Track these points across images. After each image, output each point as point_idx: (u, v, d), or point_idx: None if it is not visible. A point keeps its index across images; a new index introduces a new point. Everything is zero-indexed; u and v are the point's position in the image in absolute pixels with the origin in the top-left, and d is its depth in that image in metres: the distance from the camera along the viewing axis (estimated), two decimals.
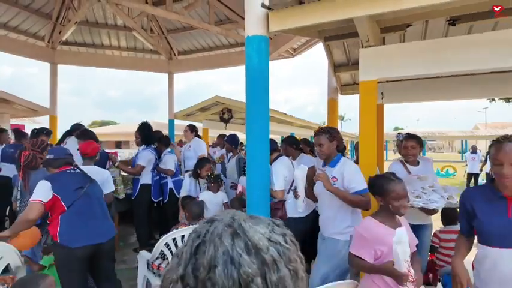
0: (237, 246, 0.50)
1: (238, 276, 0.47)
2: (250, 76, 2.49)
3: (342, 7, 2.21)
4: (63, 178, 2.30)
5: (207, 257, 0.49)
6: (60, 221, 2.24)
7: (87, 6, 6.54)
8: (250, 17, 2.45)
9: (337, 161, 2.52)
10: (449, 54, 2.56)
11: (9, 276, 2.08)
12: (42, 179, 2.24)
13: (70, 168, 2.38)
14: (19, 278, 1.65)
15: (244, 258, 0.48)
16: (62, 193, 2.24)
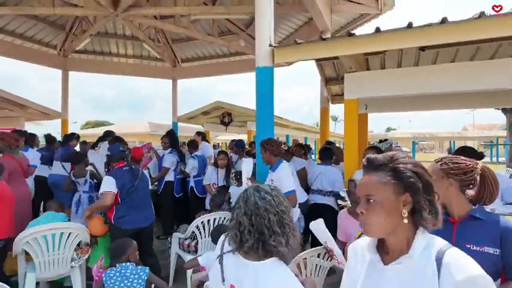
0: (256, 197, 1.23)
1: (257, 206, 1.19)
2: (260, 97, 3.20)
3: (328, 48, 2.91)
4: (121, 176, 2.96)
5: (250, 202, 1.22)
6: (115, 208, 2.92)
7: (104, 22, 7.17)
8: (260, 53, 3.15)
9: (276, 166, 3.04)
10: (419, 80, 3.28)
11: (84, 247, 2.76)
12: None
13: (124, 165, 3.03)
14: (116, 241, 2.32)
15: (258, 201, 1.22)
16: (120, 189, 2.91)
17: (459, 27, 2.42)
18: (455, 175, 1.34)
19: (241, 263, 1.22)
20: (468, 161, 1.37)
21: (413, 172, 0.93)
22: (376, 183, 0.94)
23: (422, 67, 3.38)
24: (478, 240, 1.29)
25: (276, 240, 1.18)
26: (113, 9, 6.00)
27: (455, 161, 1.36)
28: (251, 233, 1.19)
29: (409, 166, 0.94)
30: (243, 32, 8.51)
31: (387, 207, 0.92)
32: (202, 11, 6.28)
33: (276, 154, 3.03)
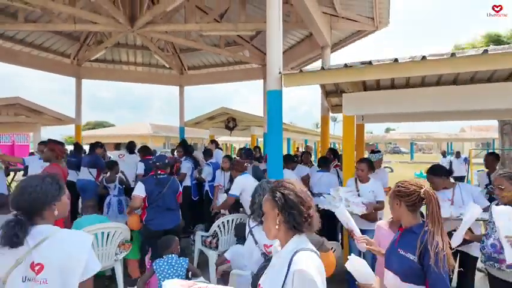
0: (267, 187, 1.84)
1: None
2: (271, 115, 3.74)
3: (329, 76, 3.44)
4: (150, 183, 3.48)
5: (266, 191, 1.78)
6: (146, 211, 3.45)
7: (120, 36, 7.69)
8: (271, 79, 3.68)
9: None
10: (407, 101, 3.82)
11: (126, 244, 3.28)
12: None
13: (157, 173, 3.55)
14: (163, 237, 2.84)
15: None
16: (149, 194, 3.44)
17: (436, 63, 2.95)
18: (401, 196, 1.71)
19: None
20: (414, 185, 1.70)
21: (281, 193, 1.34)
22: (265, 201, 1.41)
23: (413, 89, 3.89)
24: (405, 247, 1.66)
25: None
26: (130, 26, 6.52)
27: (404, 185, 1.72)
28: None
29: (282, 189, 1.36)
30: (247, 43, 9.06)
31: (269, 218, 1.36)
32: (212, 28, 6.81)
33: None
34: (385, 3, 5.74)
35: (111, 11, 5.91)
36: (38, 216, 1.46)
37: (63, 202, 1.55)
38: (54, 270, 1.36)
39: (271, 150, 3.73)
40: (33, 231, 1.42)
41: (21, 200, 1.44)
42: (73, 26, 6.87)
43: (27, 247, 1.37)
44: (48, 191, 1.50)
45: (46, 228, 1.44)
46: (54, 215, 1.51)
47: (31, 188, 1.46)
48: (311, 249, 1.33)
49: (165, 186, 3.53)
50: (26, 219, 1.43)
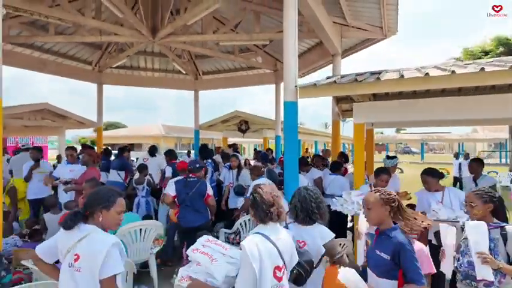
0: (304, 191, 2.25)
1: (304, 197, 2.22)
2: (287, 124, 4.12)
3: (340, 89, 3.79)
4: (180, 184, 3.89)
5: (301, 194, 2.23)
6: (179, 209, 3.88)
7: (142, 46, 8.17)
8: (288, 91, 4.05)
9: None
10: (415, 110, 4.13)
11: (159, 239, 3.71)
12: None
13: (189, 176, 3.96)
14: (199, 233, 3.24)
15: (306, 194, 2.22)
16: (178, 194, 3.86)
17: (438, 79, 3.27)
18: (389, 203, 1.94)
19: (298, 227, 2.21)
20: (393, 194, 1.99)
21: (253, 196, 1.94)
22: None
23: (420, 100, 4.17)
24: (381, 247, 1.92)
25: (315, 215, 2.19)
26: (152, 38, 6.97)
27: (388, 193, 1.98)
28: (302, 211, 2.18)
29: (254, 193, 1.94)
30: (260, 49, 9.44)
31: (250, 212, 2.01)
32: (228, 38, 7.22)
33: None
34: (393, 14, 6.03)
35: (136, 24, 6.37)
36: (90, 216, 1.76)
37: (111, 213, 1.75)
38: (84, 262, 1.65)
39: (287, 156, 4.10)
40: (82, 226, 1.73)
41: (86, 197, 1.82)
42: (99, 37, 7.37)
43: (76, 239, 1.70)
44: (101, 198, 1.75)
45: (89, 228, 1.73)
46: (99, 220, 1.74)
47: (95, 190, 1.80)
48: (263, 234, 1.86)
49: (192, 189, 3.93)
50: (82, 214, 1.75)
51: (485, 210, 2.25)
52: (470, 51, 14.70)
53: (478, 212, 2.26)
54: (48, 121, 10.10)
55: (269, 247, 1.81)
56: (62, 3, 6.04)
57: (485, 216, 2.25)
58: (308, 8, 4.77)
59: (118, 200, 1.80)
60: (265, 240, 1.82)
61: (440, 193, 3.38)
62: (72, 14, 6.09)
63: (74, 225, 1.71)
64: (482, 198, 2.27)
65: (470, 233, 2.16)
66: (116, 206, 1.78)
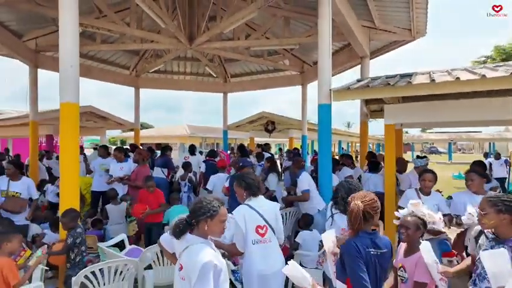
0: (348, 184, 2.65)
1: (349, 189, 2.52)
2: (321, 125, 4.45)
3: (373, 92, 4.06)
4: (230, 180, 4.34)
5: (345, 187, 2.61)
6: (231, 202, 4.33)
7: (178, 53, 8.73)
8: (322, 94, 4.38)
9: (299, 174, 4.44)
10: (444, 111, 4.33)
11: None
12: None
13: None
14: None
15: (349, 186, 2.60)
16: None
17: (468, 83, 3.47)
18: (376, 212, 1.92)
19: (343, 217, 2.45)
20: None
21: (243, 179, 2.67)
22: (236, 185, 2.74)
23: (450, 101, 4.32)
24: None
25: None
26: (189, 45, 7.48)
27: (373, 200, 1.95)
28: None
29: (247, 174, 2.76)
30: (287, 52, 9.76)
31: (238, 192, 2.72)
32: (259, 43, 7.61)
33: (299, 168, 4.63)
34: (423, 17, 6.18)
35: (176, 33, 6.89)
36: (196, 225, 1.81)
37: (215, 222, 1.79)
38: (185, 272, 1.72)
39: (322, 157, 4.43)
40: (188, 236, 1.81)
41: (192, 207, 1.87)
42: (140, 45, 8.00)
43: (182, 248, 1.80)
44: (206, 208, 1.78)
45: (191, 239, 1.79)
46: (204, 229, 1.78)
47: (200, 201, 1.85)
48: (248, 205, 2.54)
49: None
50: (189, 224, 1.80)
51: (500, 221, 1.91)
52: (502, 49, 14.30)
53: (489, 222, 1.95)
54: (91, 122, 10.96)
55: (252, 213, 2.52)
56: (109, 14, 6.68)
57: (499, 227, 1.92)
58: (340, 15, 5.06)
59: (221, 209, 1.85)
60: (249, 208, 2.54)
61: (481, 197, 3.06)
62: (119, 25, 6.71)
63: (182, 235, 1.80)
64: (496, 207, 1.92)
65: (488, 265, 1.81)
66: (220, 215, 1.82)
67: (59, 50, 3.50)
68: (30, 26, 7.23)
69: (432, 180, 3.46)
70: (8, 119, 9.77)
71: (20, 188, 4.24)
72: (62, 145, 3.50)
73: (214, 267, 1.71)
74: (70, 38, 3.49)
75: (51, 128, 9.26)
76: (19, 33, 7.26)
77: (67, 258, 3.21)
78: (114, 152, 5.76)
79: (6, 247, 2.66)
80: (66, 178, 3.46)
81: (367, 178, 5.22)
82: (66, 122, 3.47)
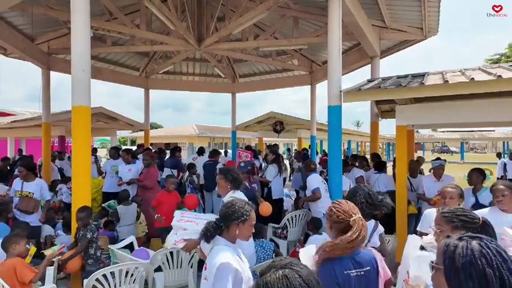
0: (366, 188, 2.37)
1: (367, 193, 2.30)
2: (331, 126, 4.40)
3: (384, 94, 4.00)
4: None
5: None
6: None
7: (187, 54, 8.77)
8: (332, 96, 4.33)
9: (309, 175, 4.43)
10: (457, 112, 4.24)
11: None
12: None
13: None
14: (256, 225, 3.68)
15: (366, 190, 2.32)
16: None
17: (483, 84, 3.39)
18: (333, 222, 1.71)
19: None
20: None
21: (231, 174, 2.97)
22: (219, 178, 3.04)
23: (463, 102, 4.23)
24: None
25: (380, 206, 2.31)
26: (197, 46, 7.51)
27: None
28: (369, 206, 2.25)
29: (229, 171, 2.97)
30: (296, 52, 9.70)
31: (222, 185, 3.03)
32: (268, 43, 7.58)
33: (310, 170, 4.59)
34: (435, 15, 6.06)
35: (185, 35, 6.92)
36: (225, 228, 1.81)
37: (246, 226, 1.80)
38: (208, 272, 1.74)
39: (332, 158, 4.39)
40: (216, 239, 1.81)
41: (221, 211, 1.88)
42: (150, 47, 8.07)
43: (210, 249, 1.82)
44: (236, 211, 1.78)
45: (218, 240, 1.80)
46: (235, 233, 1.79)
47: (231, 204, 1.85)
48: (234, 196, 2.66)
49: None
50: (219, 228, 1.81)
51: None
52: None
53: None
54: (101, 123, 11.10)
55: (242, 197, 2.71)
56: (119, 16, 6.74)
57: None
58: (350, 15, 5.00)
59: (252, 213, 1.86)
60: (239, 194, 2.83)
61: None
62: (129, 27, 6.77)
63: (212, 239, 1.82)
64: (452, 223, 1.77)
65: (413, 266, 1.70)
66: (251, 219, 1.84)
67: (71, 55, 3.55)
68: (42, 29, 7.36)
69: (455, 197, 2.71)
70: (22, 121, 9.97)
71: (33, 189, 4.32)
72: (75, 148, 3.55)
73: (235, 271, 1.67)
74: (82, 43, 3.53)
75: (63, 129, 9.41)
76: (32, 36, 7.39)
77: (86, 255, 3.26)
78: (122, 154, 5.80)
79: (14, 250, 2.72)
80: (78, 180, 3.51)
81: (376, 178, 5.20)
82: (78, 125, 3.52)
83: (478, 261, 0.94)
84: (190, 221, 2.60)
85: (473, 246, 0.97)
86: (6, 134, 10.70)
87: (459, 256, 0.97)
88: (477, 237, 1.01)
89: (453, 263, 0.98)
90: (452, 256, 0.99)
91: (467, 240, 1.00)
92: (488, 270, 0.92)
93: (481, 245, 0.97)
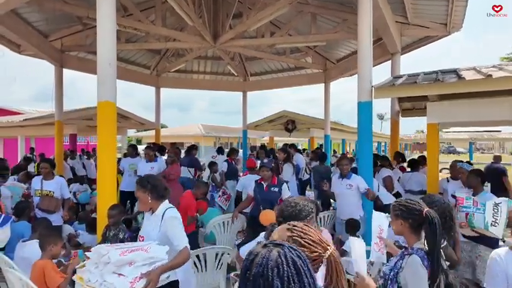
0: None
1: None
2: (361, 124, 4.24)
3: (419, 89, 3.84)
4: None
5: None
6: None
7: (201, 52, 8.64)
8: (362, 91, 4.17)
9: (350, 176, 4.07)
10: (491, 109, 4.06)
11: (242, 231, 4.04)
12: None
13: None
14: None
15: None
16: None
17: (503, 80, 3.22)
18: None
19: None
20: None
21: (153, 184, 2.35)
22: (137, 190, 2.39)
23: (492, 99, 4.06)
24: None
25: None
26: (213, 43, 7.37)
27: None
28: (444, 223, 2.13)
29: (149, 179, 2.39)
30: (311, 49, 9.54)
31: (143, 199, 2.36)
32: (284, 40, 7.43)
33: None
34: (462, 10, 5.87)
35: (202, 31, 6.78)
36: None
37: (311, 223, 1.72)
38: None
39: (362, 157, 4.24)
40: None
41: (285, 210, 1.77)
42: (164, 44, 7.94)
43: None
44: (303, 210, 1.72)
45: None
46: None
47: (294, 203, 1.75)
48: (172, 207, 2.35)
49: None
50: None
51: (400, 228, 1.81)
52: None
53: (394, 229, 1.86)
54: None
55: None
56: (135, 12, 6.62)
57: (403, 234, 1.81)
58: (378, 9, 4.84)
59: (315, 209, 1.82)
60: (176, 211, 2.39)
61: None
62: (145, 23, 6.65)
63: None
64: (394, 212, 1.83)
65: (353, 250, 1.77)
66: (314, 214, 1.80)
67: (96, 49, 3.42)
68: (56, 26, 7.26)
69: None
70: (34, 119, 9.89)
71: (53, 187, 4.20)
72: (100, 145, 3.43)
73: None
74: (108, 35, 3.40)
75: (75, 127, 9.32)
76: (45, 33, 7.30)
77: None
78: (145, 151, 5.65)
79: (50, 250, 2.59)
80: (104, 177, 3.39)
81: (409, 177, 5.07)
82: (104, 120, 3.40)
83: (269, 272, 0.85)
84: (134, 250, 2.01)
85: (272, 256, 0.88)
86: (17, 132, 10.62)
87: (255, 265, 0.88)
88: (280, 245, 0.92)
89: (246, 273, 0.89)
90: (248, 266, 0.90)
91: (269, 248, 0.91)
92: (276, 282, 0.83)
93: (279, 254, 0.88)
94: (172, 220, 2.26)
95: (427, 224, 1.69)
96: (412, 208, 1.76)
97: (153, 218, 2.37)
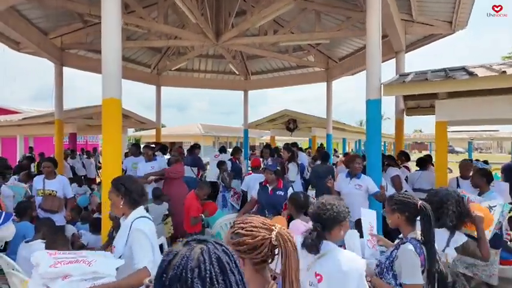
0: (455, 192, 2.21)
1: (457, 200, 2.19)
2: (370, 122, 4.17)
3: (430, 86, 3.77)
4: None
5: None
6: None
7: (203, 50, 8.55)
8: (371, 88, 4.09)
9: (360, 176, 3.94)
10: (488, 107, 4.01)
11: None
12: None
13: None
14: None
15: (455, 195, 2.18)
16: None
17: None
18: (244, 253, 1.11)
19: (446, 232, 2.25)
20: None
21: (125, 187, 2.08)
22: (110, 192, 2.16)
23: (500, 96, 4.00)
24: None
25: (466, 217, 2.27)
26: (215, 41, 7.29)
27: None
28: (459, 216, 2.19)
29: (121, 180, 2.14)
30: (313, 48, 9.47)
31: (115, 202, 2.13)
32: (288, 38, 7.35)
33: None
34: (468, 7, 5.82)
35: (204, 28, 6.69)
36: (327, 232, 1.68)
37: (345, 226, 1.72)
38: (331, 283, 1.57)
39: (370, 156, 4.16)
40: (326, 244, 1.67)
41: (321, 214, 1.70)
42: (166, 42, 7.84)
43: (314, 257, 1.66)
44: (341, 211, 1.69)
45: (327, 245, 1.67)
46: (339, 234, 1.69)
47: (329, 205, 1.70)
48: (145, 216, 2.05)
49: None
50: (321, 233, 1.67)
51: (396, 220, 1.92)
52: None
53: (389, 221, 1.97)
54: None
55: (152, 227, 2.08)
56: (137, 9, 6.53)
57: (399, 226, 1.92)
58: (387, 6, 4.77)
59: (348, 210, 1.80)
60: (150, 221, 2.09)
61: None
62: (147, 20, 6.55)
63: (318, 246, 1.67)
64: (390, 206, 1.95)
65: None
66: (347, 216, 1.77)
67: (101, 45, 3.34)
68: (56, 24, 7.15)
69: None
70: (33, 118, 9.77)
71: (56, 187, 4.11)
72: (105, 142, 3.36)
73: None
74: (113, 32, 3.33)
75: (75, 126, 9.20)
76: (45, 30, 7.19)
77: None
78: (144, 150, 5.56)
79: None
80: (109, 175, 3.30)
81: (418, 176, 5.01)
82: (109, 118, 3.32)
83: (188, 274, 0.74)
84: (73, 262, 1.75)
85: (192, 254, 0.77)
86: (16, 131, 10.48)
87: (172, 268, 0.76)
88: (204, 241, 0.81)
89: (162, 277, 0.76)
90: (164, 268, 0.77)
91: (191, 245, 0.80)
92: (196, 285, 0.73)
93: (202, 252, 0.77)
94: (137, 233, 1.94)
95: (422, 216, 1.80)
96: (408, 202, 1.87)
97: (123, 225, 2.07)
